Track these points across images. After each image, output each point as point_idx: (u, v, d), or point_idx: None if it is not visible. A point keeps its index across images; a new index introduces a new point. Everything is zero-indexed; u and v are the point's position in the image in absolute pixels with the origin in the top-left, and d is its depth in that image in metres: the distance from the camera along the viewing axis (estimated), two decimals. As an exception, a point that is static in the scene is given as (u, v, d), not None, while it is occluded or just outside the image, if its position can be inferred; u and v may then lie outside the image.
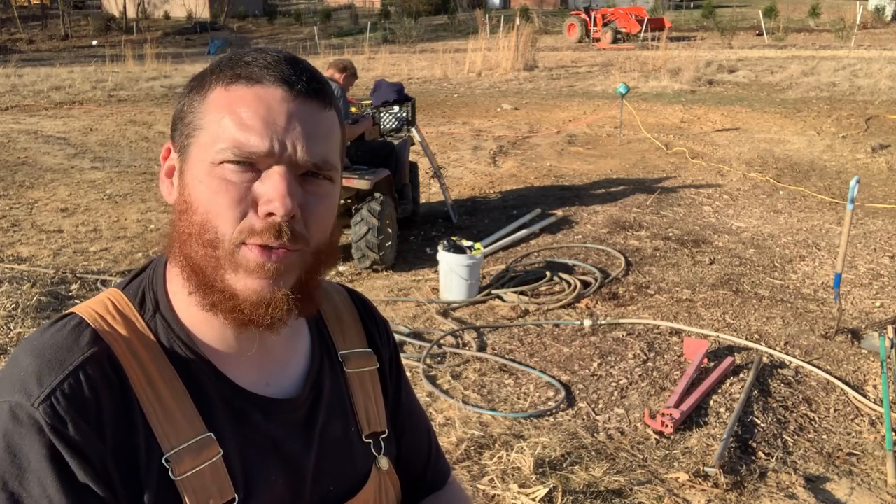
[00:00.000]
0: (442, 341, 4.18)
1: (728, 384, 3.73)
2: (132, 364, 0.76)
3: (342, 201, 5.41)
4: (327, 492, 0.87)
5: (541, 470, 2.92)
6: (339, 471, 0.88)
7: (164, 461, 0.74)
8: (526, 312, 4.62)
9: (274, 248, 0.74)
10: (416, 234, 6.40)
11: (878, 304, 4.86)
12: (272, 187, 0.73)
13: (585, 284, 4.99)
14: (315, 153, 0.75)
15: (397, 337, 4.18)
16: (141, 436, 0.74)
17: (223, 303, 0.76)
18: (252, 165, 0.74)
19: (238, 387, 0.81)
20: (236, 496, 0.77)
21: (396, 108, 6.42)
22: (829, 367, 3.95)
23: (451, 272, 4.74)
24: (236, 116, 0.74)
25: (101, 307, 0.80)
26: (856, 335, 4.33)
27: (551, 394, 3.67)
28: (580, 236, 6.08)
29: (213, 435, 0.77)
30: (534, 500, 2.72)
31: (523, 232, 6.12)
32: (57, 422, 0.70)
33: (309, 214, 0.76)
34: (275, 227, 0.73)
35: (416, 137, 6.65)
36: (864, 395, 3.67)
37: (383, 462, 0.93)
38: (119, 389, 0.74)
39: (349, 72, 5.76)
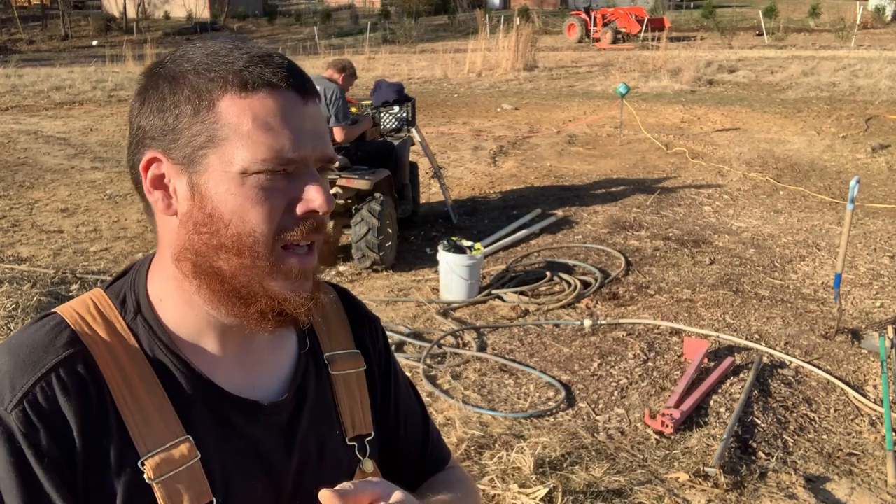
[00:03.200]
0: (442, 341, 4.18)
1: (728, 384, 3.73)
2: (110, 366, 0.75)
3: (342, 201, 5.41)
4: (310, 495, 0.86)
5: (541, 470, 2.92)
6: (322, 474, 0.87)
7: (139, 464, 0.74)
8: (526, 312, 4.62)
9: (308, 251, 0.79)
10: (416, 234, 6.40)
11: (878, 304, 4.86)
12: (313, 190, 0.77)
13: (585, 284, 4.99)
14: (327, 150, 0.79)
15: (397, 337, 4.18)
16: (115, 439, 0.73)
17: (271, 309, 0.77)
18: (284, 171, 0.76)
19: (221, 390, 0.81)
20: (214, 499, 0.77)
21: (396, 109, 6.42)
22: (829, 367, 3.95)
23: (451, 272, 4.74)
24: (264, 124, 0.75)
25: (82, 308, 0.79)
26: (856, 335, 4.33)
27: (551, 394, 3.68)
28: (580, 236, 6.08)
29: (191, 438, 0.77)
30: (534, 500, 2.72)
31: (523, 232, 6.11)
32: (28, 428, 0.70)
33: None
34: (314, 224, 0.78)
35: (416, 137, 6.65)
36: (864, 395, 3.68)
37: (368, 465, 0.92)
38: (94, 392, 0.74)
39: (349, 72, 5.76)
